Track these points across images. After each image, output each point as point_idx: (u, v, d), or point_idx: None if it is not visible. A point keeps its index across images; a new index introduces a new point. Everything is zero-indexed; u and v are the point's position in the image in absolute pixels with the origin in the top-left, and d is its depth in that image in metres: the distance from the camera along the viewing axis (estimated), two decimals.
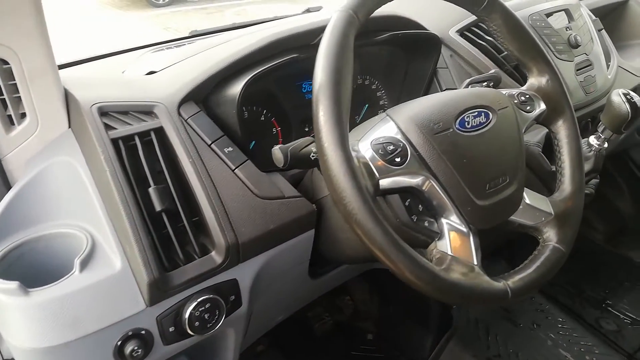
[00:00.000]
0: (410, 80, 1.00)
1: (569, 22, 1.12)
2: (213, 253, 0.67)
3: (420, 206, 0.62)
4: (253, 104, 0.85)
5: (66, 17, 7.16)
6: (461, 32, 1.02)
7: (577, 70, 1.08)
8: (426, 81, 0.98)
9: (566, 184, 0.73)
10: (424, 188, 0.60)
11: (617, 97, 0.86)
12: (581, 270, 1.85)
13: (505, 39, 0.74)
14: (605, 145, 0.93)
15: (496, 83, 0.87)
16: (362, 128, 0.64)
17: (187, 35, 1.30)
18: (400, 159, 0.58)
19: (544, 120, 0.76)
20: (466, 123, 0.63)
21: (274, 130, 0.89)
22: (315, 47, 0.57)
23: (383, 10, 0.88)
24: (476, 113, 0.65)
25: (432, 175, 0.59)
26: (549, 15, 1.09)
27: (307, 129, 0.91)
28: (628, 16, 1.63)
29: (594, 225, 2.01)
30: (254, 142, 0.86)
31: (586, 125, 1.18)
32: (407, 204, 0.62)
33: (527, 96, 0.74)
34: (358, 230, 0.52)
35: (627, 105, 0.85)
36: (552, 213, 0.70)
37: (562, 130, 0.76)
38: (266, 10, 7.75)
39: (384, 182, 0.57)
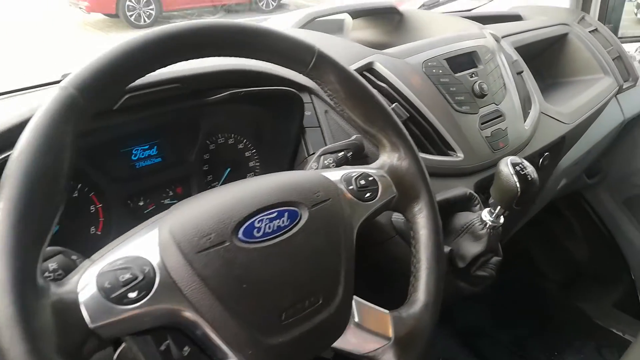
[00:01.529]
0: (280, 139, 0.85)
1: (477, 67, 0.98)
2: None
3: (187, 348, 0.46)
4: None
5: (46, 39, 7.05)
6: None
7: (482, 123, 0.93)
8: (293, 143, 0.83)
9: (419, 292, 0.58)
10: (183, 326, 0.44)
11: (505, 168, 0.71)
12: (528, 326, 1.68)
13: (345, 105, 0.59)
14: (501, 221, 0.77)
15: (356, 152, 0.71)
16: (125, 235, 0.48)
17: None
18: (138, 294, 0.42)
19: (395, 206, 0.61)
20: (255, 230, 0.47)
21: (92, 208, 0.73)
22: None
23: (221, 63, 0.73)
24: (275, 214, 0.49)
25: (193, 308, 0.43)
26: (449, 60, 0.94)
27: (132, 205, 0.75)
28: (568, 51, 1.49)
29: (544, 272, 1.85)
30: (57, 228, 0.69)
31: None
32: (163, 348, 0.45)
33: (371, 178, 0.59)
34: None
35: (516, 178, 0.70)
36: (392, 337, 0.54)
37: (418, 220, 0.61)
38: None
39: (108, 328, 0.41)
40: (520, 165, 0.71)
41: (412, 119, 0.87)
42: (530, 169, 0.71)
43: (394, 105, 0.86)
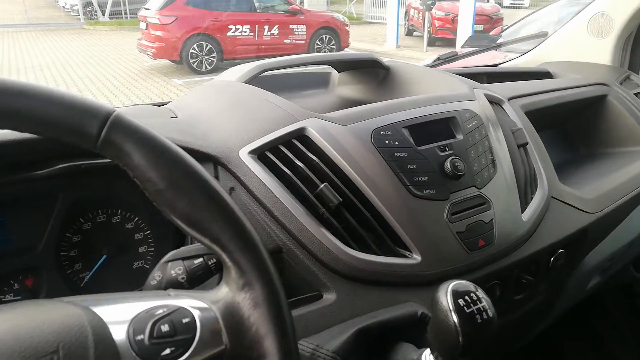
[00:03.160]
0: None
1: (455, 137, 0.75)
2: None
3: None
4: None
5: (115, 82, 7.52)
6: (259, 154, 0.67)
7: (454, 214, 0.69)
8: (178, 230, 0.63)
9: None
10: None
11: (443, 300, 0.47)
12: None
13: (161, 200, 0.39)
14: None
15: (215, 269, 0.50)
16: None
17: None
18: None
19: None
20: None
21: None
22: None
23: None
24: None
25: None
26: (413, 128, 0.72)
27: None
28: (606, 116, 1.22)
29: None
30: None
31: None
32: None
33: (187, 321, 0.38)
34: None
35: (455, 319, 0.45)
36: None
37: None
38: None
39: None
40: (467, 296, 0.47)
41: (348, 204, 0.65)
42: (484, 304, 0.47)
43: (323, 185, 0.64)
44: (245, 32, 8.98)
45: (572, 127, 1.27)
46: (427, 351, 0.53)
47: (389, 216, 0.66)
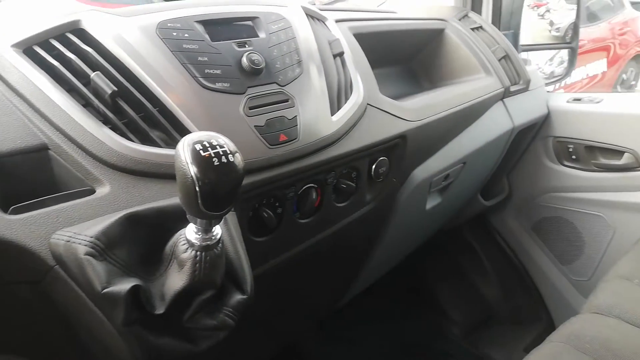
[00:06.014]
0: None
1: (257, 35, 0.73)
2: None
3: None
4: None
5: None
6: (25, 48, 0.60)
7: (252, 108, 0.67)
8: None
9: None
10: None
11: (180, 150, 0.44)
12: None
13: None
14: (218, 236, 0.50)
15: None
16: None
17: None
18: None
19: None
20: None
21: None
22: None
23: None
24: None
25: None
26: (208, 23, 0.69)
27: None
28: (445, 50, 1.28)
29: (449, 315, 1.57)
30: None
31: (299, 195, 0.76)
32: None
33: None
34: None
35: (192, 168, 0.43)
36: None
37: None
38: None
39: None
40: (206, 142, 0.44)
41: (125, 94, 0.61)
42: (224, 149, 0.45)
43: (94, 74, 0.59)
44: None
45: (416, 63, 1.32)
46: (192, 224, 0.50)
47: (176, 108, 0.62)
